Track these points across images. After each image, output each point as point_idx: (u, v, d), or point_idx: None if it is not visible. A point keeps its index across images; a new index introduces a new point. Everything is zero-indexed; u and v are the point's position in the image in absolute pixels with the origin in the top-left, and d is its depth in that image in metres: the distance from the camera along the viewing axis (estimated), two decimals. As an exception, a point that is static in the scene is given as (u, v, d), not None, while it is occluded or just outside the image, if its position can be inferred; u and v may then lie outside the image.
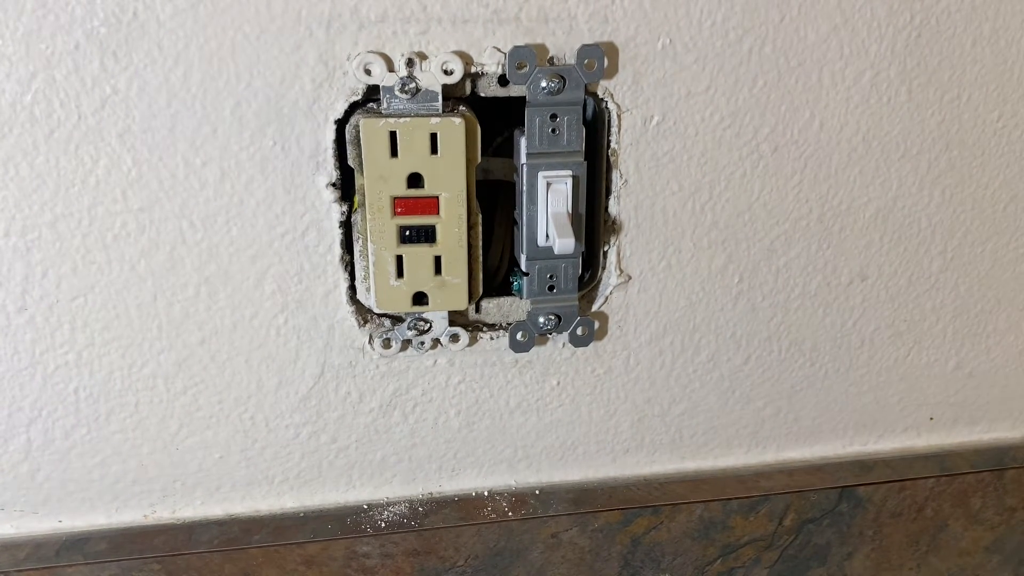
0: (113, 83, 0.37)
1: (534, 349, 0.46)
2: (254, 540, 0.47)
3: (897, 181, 0.46)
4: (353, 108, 0.39)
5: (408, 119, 0.38)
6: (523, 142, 0.40)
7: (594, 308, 0.46)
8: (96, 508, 0.46)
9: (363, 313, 0.44)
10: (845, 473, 0.53)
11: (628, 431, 0.50)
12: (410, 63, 0.38)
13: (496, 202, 0.45)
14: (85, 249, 0.40)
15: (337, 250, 0.42)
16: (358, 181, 0.39)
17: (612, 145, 0.42)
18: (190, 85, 0.37)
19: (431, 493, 0.50)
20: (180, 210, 0.40)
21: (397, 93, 0.38)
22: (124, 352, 0.42)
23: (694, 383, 0.49)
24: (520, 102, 0.40)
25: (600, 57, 0.39)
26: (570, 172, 0.41)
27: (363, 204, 0.40)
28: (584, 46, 0.39)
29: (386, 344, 0.44)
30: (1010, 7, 0.43)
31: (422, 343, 0.44)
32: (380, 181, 0.39)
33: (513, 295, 0.45)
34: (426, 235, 0.40)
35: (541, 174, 0.41)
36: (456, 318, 0.45)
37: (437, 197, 0.39)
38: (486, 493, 0.50)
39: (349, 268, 0.42)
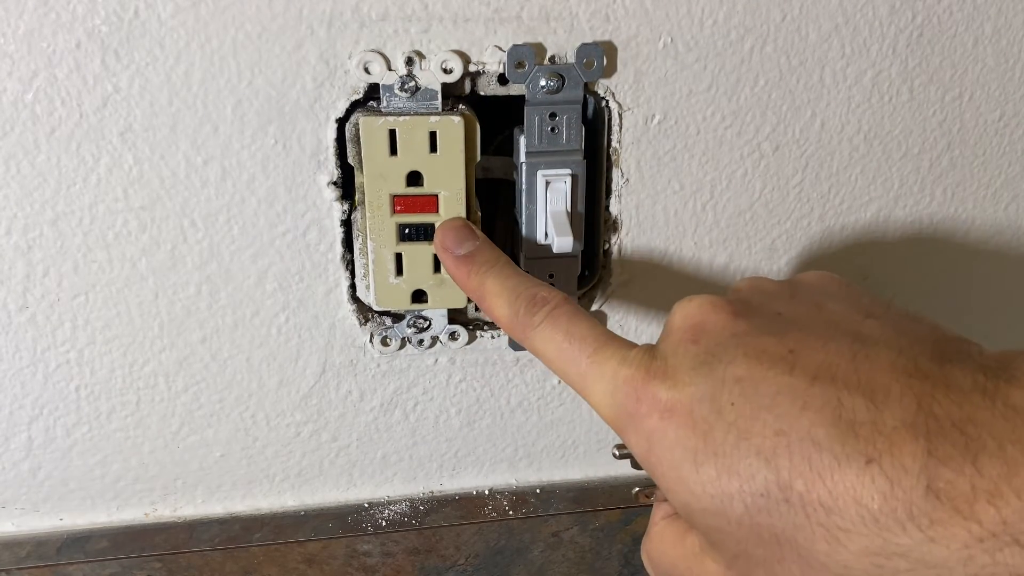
0: (115, 81, 0.37)
1: (535, 348, 0.46)
2: (255, 538, 0.48)
3: (898, 180, 0.46)
4: (354, 107, 0.39)
5: (407, 117, 0.38)
6: (522, 140, 0.40)
7: (594, 307, 0.46)
8: (97, 506, 0.47)
9: (364, 311, 0.44)
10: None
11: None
12: (409, 62, 0.38)
13: (496, 200, 0.45)
14: (86, 247, 0.40)
15: (338, 248, 0.42)
16: (358, 179, 0.40)
17: (613, 144, 0.42)
18: (191, 84, 0.37)
19: (432, 492, 0.50)
20: (181, 209, 0.40)
21: (396, 91, 0.38)
22: (125, 350, 0.42)
23: (695, 382, 0.49)
24: (520, 101, 0.40)
25: (599, 56, 0.39)
26: (569, 171, 0.41)
27: (362, 202, 0.40)
28: (583, 45, 0.39)
29: (385, 342, 0.44)
30: (1012, 6, 0.43)
31: (421, 341, 0.44)
32: (379, 179, 0.39)
33: (514, 294, 0.45)
34: (425, 233, 0.40)
35: (540, 172, 0.41)
36: (456, 316, 0.45)
37: (436, 195, 0.39)
38: (487, 492, 0.50)
39: (350, 266, 0.42)
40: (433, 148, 0.39)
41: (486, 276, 0.35)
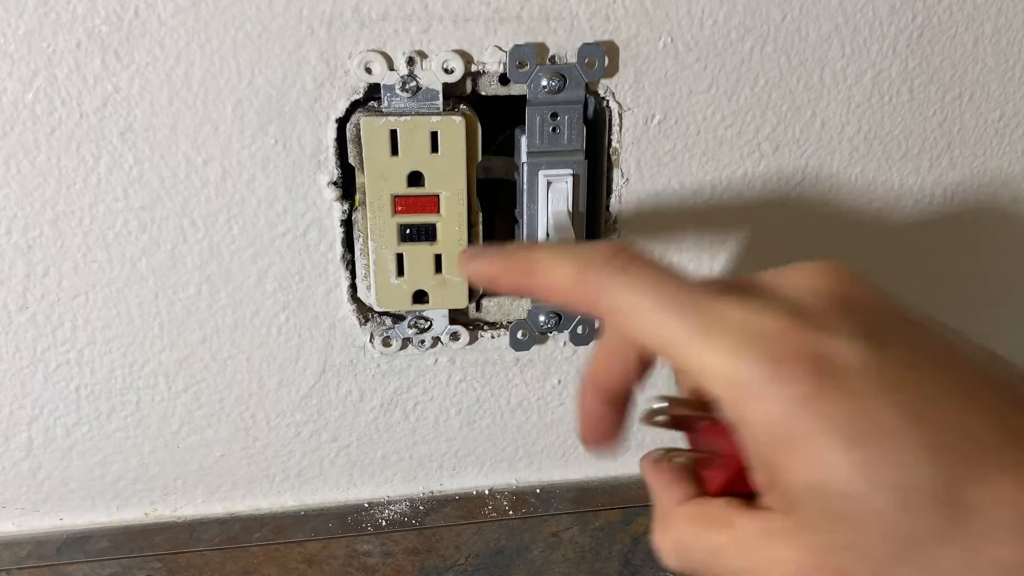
0: (115, 81, 0.37)
1: (535, 348, 0.46)
2: (255, 538, 0.48)
3: (899, 180, 0.46)
4: (354, 107, 0.39)
5: (409, 117, 0.38)
6: (523, 141, 0.40)
7: (595, 307, 0.46)
8: (97, 506, 0.47)
9: (364, 311, 0.44)
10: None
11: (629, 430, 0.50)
12: (411, 62, 0.38)
13: (497, 201, 0.45)
14: (86, 247, 0.40)
15: (338, 249, 0.42)
16: (359, 179, 0.40)
17: (613, 144, 0.42)
18: (191, 84, 0.37)
19: (432, 492, 0.50)
20: (181, 208, 0.40)
21: (398, 92, 0.38)
22: (125, 350, 0.42)
23: (695, 382, 0.49)
24: (521, 101, 0.40)
25: (601, 56, 0.39)
26: (570, 171, 0.41)
27: (363, 202, 0.40)
28: (584, 45, 0.39)
29: (386, 342, 0.44)
30: (1012, 6, 0.43)
31: (422, 341, 0.44)
32: (380, 179, 0.39)
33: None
34: (426, 233, 0.40)
35: (542, 173, 0.41)
36: (457, 316, 0.45)
37: (437, 195, 0.39)
38: (487, 492, 0.50)
39: (350, 267, 0.42)
40: (434, 148, 0.39)
41: (531, 250, 0.27)
